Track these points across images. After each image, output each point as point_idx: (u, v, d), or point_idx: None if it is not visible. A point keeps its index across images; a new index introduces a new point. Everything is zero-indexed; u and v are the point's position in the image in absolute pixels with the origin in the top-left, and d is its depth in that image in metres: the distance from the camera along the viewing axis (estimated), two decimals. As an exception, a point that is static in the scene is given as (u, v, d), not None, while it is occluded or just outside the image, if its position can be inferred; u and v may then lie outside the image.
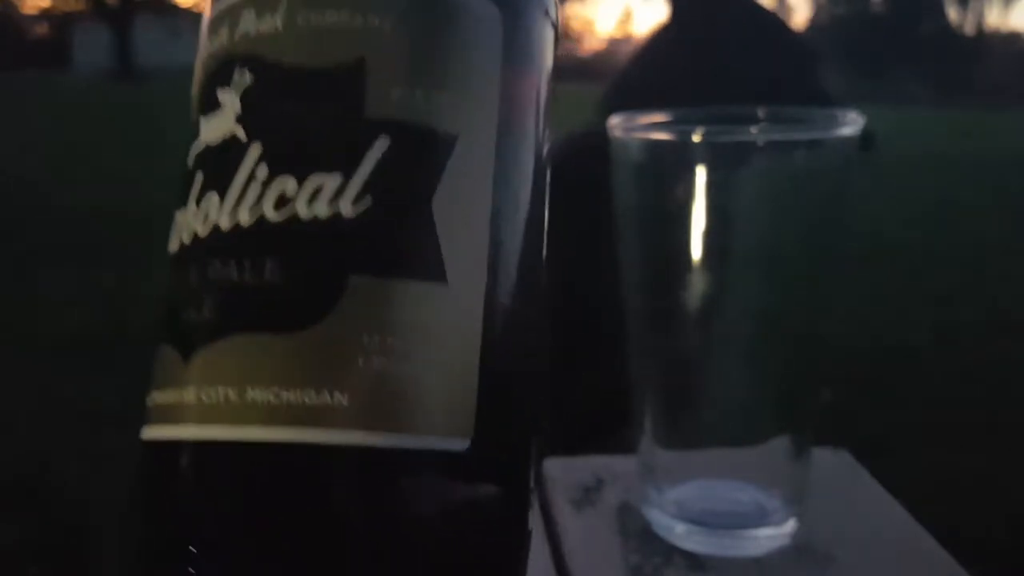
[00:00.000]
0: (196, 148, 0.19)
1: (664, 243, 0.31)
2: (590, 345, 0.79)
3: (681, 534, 0.32)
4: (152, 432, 0.18)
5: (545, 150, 0.21)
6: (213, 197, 0.18)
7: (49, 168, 4.23)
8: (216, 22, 0.20)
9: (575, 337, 0.85)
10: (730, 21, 0.91)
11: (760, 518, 0.31)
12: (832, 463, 0.38)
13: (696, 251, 0.30)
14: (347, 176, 0.17)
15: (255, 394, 0.16)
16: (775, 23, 0.96)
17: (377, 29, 0.18)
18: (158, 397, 0.18)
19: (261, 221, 0.17)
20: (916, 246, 3.36)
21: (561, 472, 0.37)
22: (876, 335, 2.16)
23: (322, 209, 0.17)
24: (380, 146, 0.17)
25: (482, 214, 0.18)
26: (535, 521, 0.20)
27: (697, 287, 0.30)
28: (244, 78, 0.18)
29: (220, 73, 0.19)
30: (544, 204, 0.21)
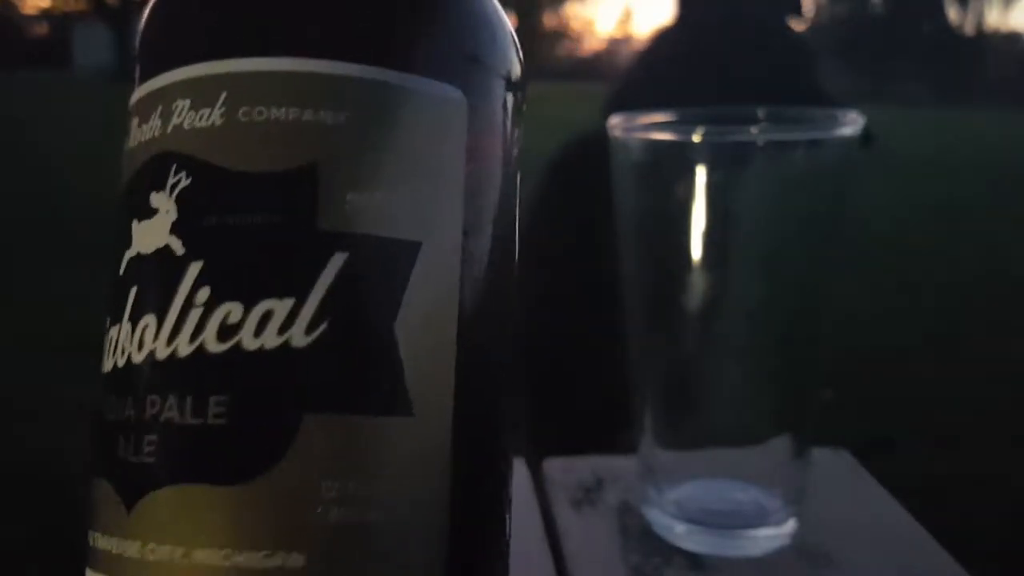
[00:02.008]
0: (128, 256, 0.17)
1: (664, 243, 0.31)
2: (590, 345, 0.79)
3: (681, 534, 0.32)
4: None
5: (515, 222, 0.19)
6: (149, 319, 0.16)
7: (49, 168, 4.23)
8: (146, 105, 0.17)
9: (575, 337, 0.85)
10: (730, 21, 0.91)
11: (760, 518, 0.31)
12: (832, 463, 0.38)
13: (696, 251, 0.30)
14: (299, 300, 0.15)
15: (203, 555, 0.15)
16: (775, 22, 0.96)
17: (329, 127, 0.16)
18: (100, 541, 0.16)
19: (201, 353, 0.15)
20: (916, 246, 3.36)
21: (561, 472, 0.37)
22: (876, 335, 2.16)
23: (271, 339, 0.15)
24: (335, 263, 0.15)
25: (448, 330, 0.16)
26: (535, 521, 0.20)
27: (697, 287, 0.30)
28: (180, 181, 0.16)
29: (153, 171, 0.17)
30: (513, 294, 0.19)
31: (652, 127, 0.30)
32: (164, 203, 0.16)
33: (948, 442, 1.61)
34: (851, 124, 0.29)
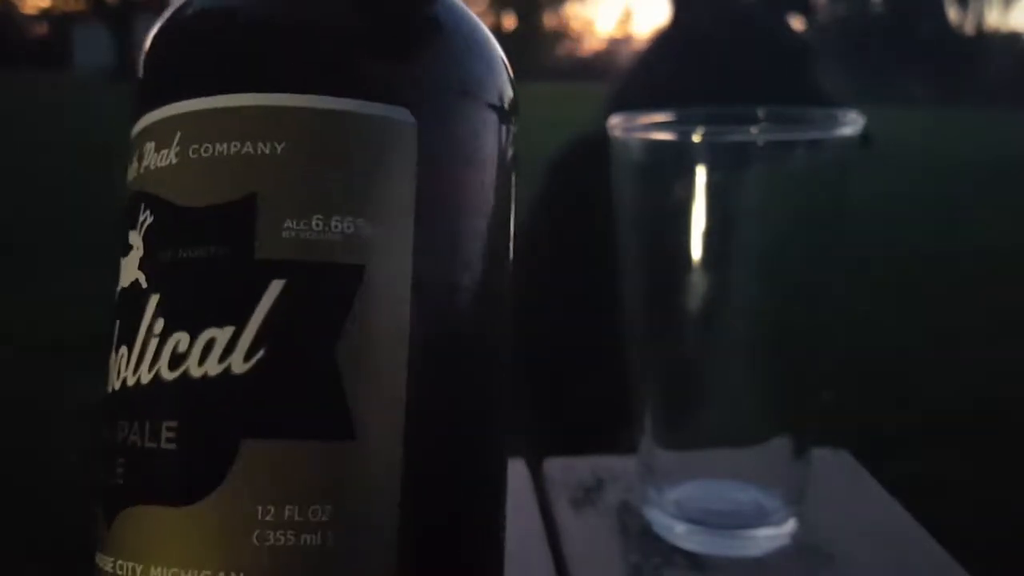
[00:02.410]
0: (118, 288, 0.18)
1: (664, 243, 0.31)
2: (590, 345, 0.79)
3: (681, 534, 0.32)
4: None
5: (509, 246, 0.19)
6: (124, 349, 0.17)
7: (49, 168, 4.23)
8: (131, 147, 0.18)
9: (575, 337, 0.85)
10: (727, 19, 0.91)
11: (760, 518, 0.31)
12: (832, 463, 0.38)
13: (696, 251, 0.30)
14: (239, 327, 0.16)
15: (156, 573, 0.15)
16: (774, 20, 0.96)
17: (267, 157, 0.16)
18: (97, 560, 0.17)
19: (157, 380, 0.16)
20: (916, 246, 3.36)
21: (561, 472, 0.37)
22: (876, 335, 2.16)
23: (213, 366, 0.16)
24: (272, 291, 0.16)
25: (398, 354, 0.16)
26: (535, 521, 0.20)
27: (697, 287, 0.30)
28: (146, 219, 0.17)
29: (131, 210, 0.18)
30: (507, 309, 0.19)
31: (652, 127, 0.30)
32: (136, 240, 0.17)
33: (948, 442, 1.61)
34: (851, 124, 0.29)
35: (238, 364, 0.16)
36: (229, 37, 0.18)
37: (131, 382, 0.17)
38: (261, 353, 0.16)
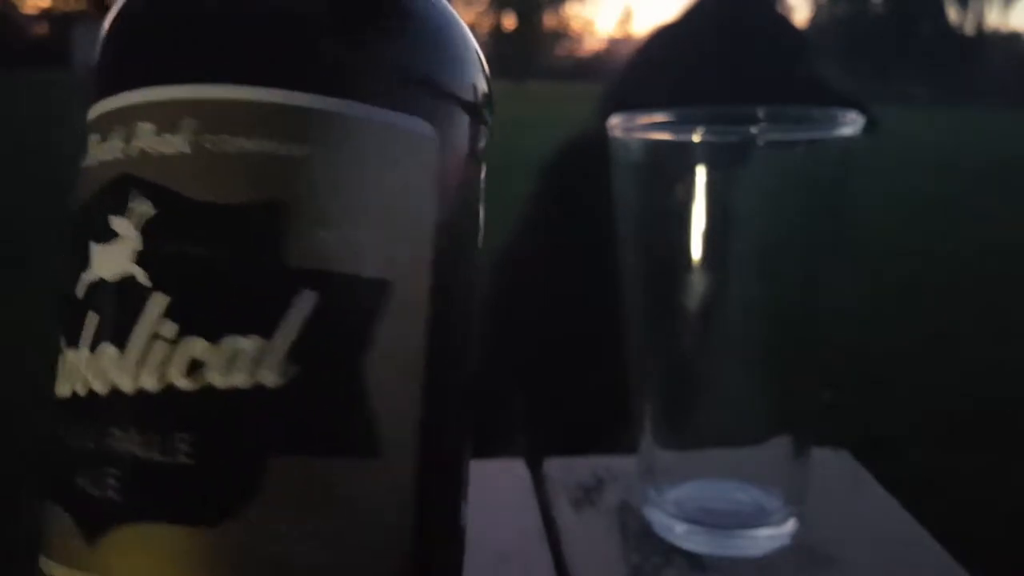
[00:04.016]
0: (88, 279, 0.16)
1: (664, 243, 0.31)
2: (590, 345, 0.79)
3: (681, 534, 0.32)
4: None
5: (477, 254, 0.19)
6: (110, 349, 0.15)
7: (49, 168, 4.23)
8: (106, 122, 0.17)
9: (575, 337, 0.85)
10: (722, 11, 0.91)
11: (760, 518, 0.31)
12: (832, 463, 0.38)
13: (696, 251, 0.30)
14: (268, 338, 0.15)
15: None
16: (774, 18, 0.95)
17: (298, 159, 0.15)
18: (56, 570, 0.16)
19: (170, 389, 0.15)
20: (915, 246, 3.36)
21: (561, 472, 0.37)
22: (876, 335, 2.16)
23: (242, 378, 0.15)
24: (305, 302, 0.15)
25: (416, 368, 0.16)
26: (535, 521, 0.20)
27: (697, 287, 0.30)
28: (143, 207, 0.16)
29: (113, 193, 0.16)
30: (474, 328, 0.19)
31: (652, 127, 0.30)
32: (125, 229, 0.16)
33: (948, 442, 1.61)
34: (851, 124, 0.29)
35: (271, 377, 0.15)
36: (259, 24, 0.16)
37: (128, 387, 0.15)
38: (296, 366, 0.15)
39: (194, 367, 0.15)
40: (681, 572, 0.30)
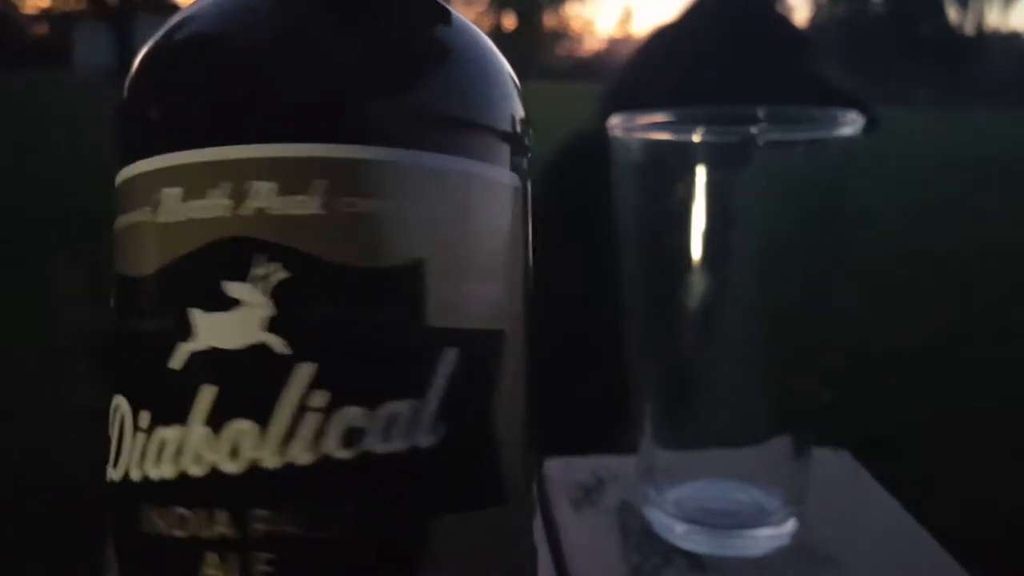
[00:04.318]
0: (193, 347, 0.15)
1: (664, 243, 0.31)
2: (590, 345, 0.79)
3: (681, 534, 0.32)
4: None
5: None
6: (243, 424, 0.15)
7: (49, 168, 4.23)
8: (198, 177, 0.15)
9: (575, 337, 0.85)
10: (720, 10, 0.91)
11: (760, 518, 0.31)
12: (832, 463, 0.38)
13: (696, 251, 0.30)
14: (420, 399, 0.15)
15: None
16: (773, 17, 0.95)
17: (424, 219, 0.15)
18: None
19: (327, 460, 0.14)
20: (915, 246, 3.36)
21: (561, 472, 0.37)
22: (876, 335, 2.16)
23: (399, 442, 0.15)
24: (448, 360, 0.15)
25: (522, 414, 0.17)
26: (535, 521, 0.20)
27: (697, 287, 0.30)
28: (272, 272, 0.15)
29: (224, 257, 0.15)
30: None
31: (652, 127, 0.30)
32: (250, 295, 0.15)
33: (948, 442, 1.61)
34: (851, 124, 0.29)
35: (423, 438, 0.15)
36: (382, 89, 0.16)
37: (273, 463, 0.14)
38: (445, 424, 0.15)
39: (351, 435, 0.14)
40: (681, 572, 0.30)
